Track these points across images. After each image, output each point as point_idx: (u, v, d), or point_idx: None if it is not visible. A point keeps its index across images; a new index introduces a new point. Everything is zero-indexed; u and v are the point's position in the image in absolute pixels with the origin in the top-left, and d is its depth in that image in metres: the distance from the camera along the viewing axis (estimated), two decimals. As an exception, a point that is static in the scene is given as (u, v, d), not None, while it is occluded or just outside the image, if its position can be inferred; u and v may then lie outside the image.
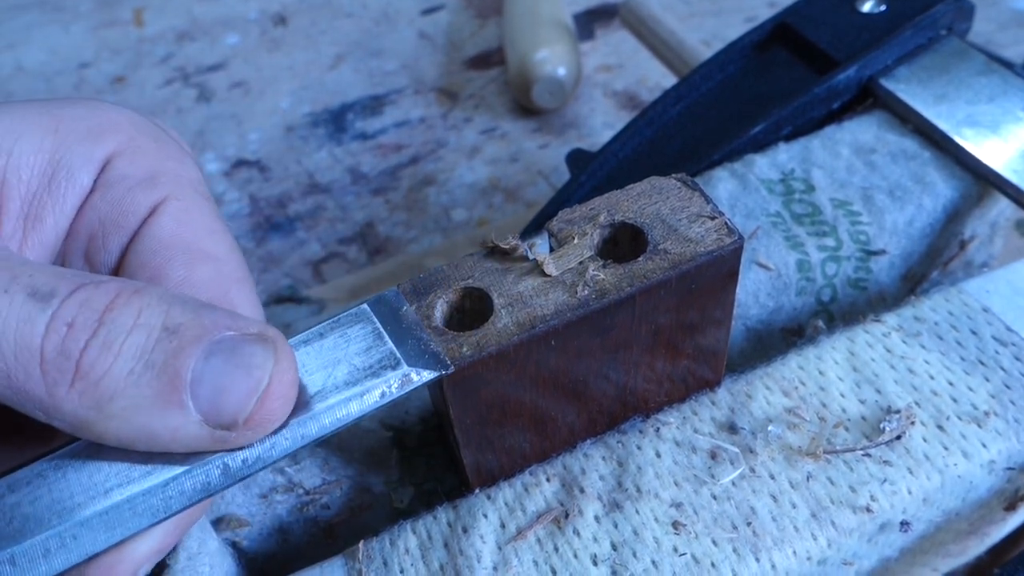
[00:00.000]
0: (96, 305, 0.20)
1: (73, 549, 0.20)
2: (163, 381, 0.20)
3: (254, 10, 0.83)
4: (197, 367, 0.20)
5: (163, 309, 0.20)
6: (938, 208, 0.37)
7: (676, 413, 0.29)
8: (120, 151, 0.25)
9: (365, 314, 0.24)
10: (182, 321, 0.20)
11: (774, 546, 0.26)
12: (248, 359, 0.20)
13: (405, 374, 0.23)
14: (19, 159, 0.23)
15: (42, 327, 0.19)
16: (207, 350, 0.20)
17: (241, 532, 0.29)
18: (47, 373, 0.19)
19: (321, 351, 0.23)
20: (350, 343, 0.23)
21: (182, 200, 0.25)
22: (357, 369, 0.23)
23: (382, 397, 0.22)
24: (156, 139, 0.26)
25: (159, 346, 0.20)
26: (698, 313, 0.27)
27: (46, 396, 0.20)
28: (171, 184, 0.25)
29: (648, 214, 0.26)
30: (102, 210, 0.25)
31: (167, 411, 0.20)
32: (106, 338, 0.20)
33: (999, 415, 0.29)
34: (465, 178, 0.65)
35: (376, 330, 0.23)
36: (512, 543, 0.26)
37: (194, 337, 0.20)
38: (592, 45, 0.76)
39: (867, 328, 0.31)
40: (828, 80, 0.39)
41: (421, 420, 0.31)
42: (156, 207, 0.25)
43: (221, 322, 0.21)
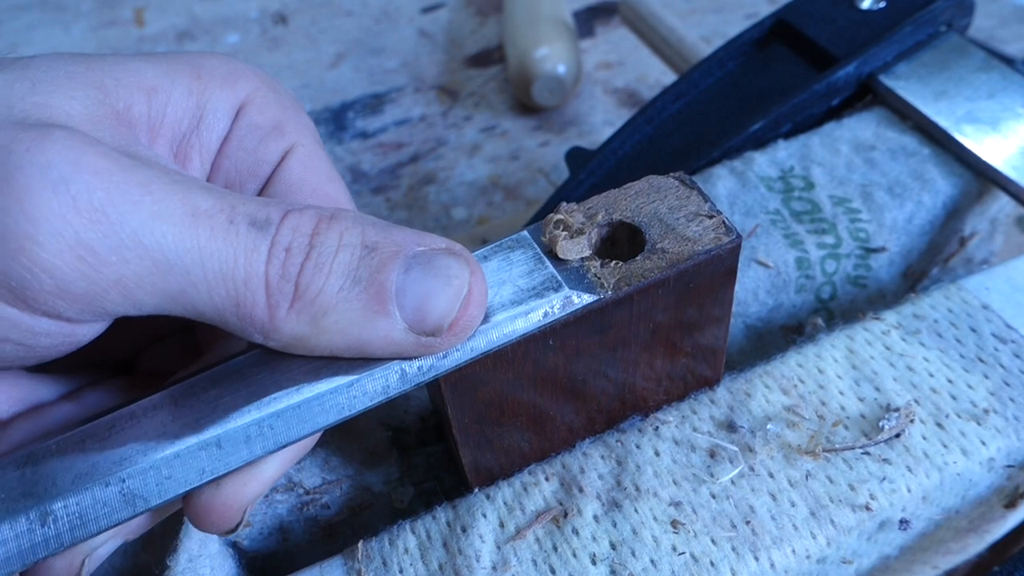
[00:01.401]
0: (304, 229, 0.21)
1: (270, 437, 0.22)
2: (371, 294, 0.21)
3: (255, 9, 0.83)
4: (399, 279, 0.21)
5: (359, 230, 0.22)
6: (938, 205, 0.37)
7: (675, 412, 0.29)
8: (250, 99, 0.26)
9: (526, 240, 0.25)
10: (378, 239, 0.22)
11: (773, 545, 0.26)
12: (446, 270, 0.22)
13: (567, 296, 0.24)
14: (175, 104, 0.24)
15: (265, 253, 0.21)
16: (406, 264, 0.21)
17: (242, 532, 0.29)
18: (271, 296, 0.21)
19: (487, 272, 0.24)
20: (513, 266, 0.24)
21: (305, 148, 0.27)
22: (522, 290, 0.24)
23: (544, 316, 0.23)
24: (276, 90, 0.27)
25: (363, 263, 0.21)
26: (697, 311, 0.27)
27: (268, 319, 0.21)
28: (295, 133, 0.26)
29: (646, 213, 0.26)
30: (238, 158, 0.26)
31: (376, 321, 0.21)
32: (318, 259, 0.21)
33: (998, 412, 0.29)
34: (465, 176, 0.65)
35: (537, 255, 0.25)
36: (511, 542, 0.26)
37: (392, 253, 0.21)
38: (592, 43, 0.76)
39: (866, 326, 0.31)
40: (827, 77, 0.39)
41: (420, 419, 0.31)
42: (285, 154, 0.26)
43: (411, 239, 0.22)
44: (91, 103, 0.22)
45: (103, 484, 0.21)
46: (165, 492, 0.21)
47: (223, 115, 0.26)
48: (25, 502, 0.20)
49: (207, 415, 0.22)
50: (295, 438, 0.22)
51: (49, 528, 0.20)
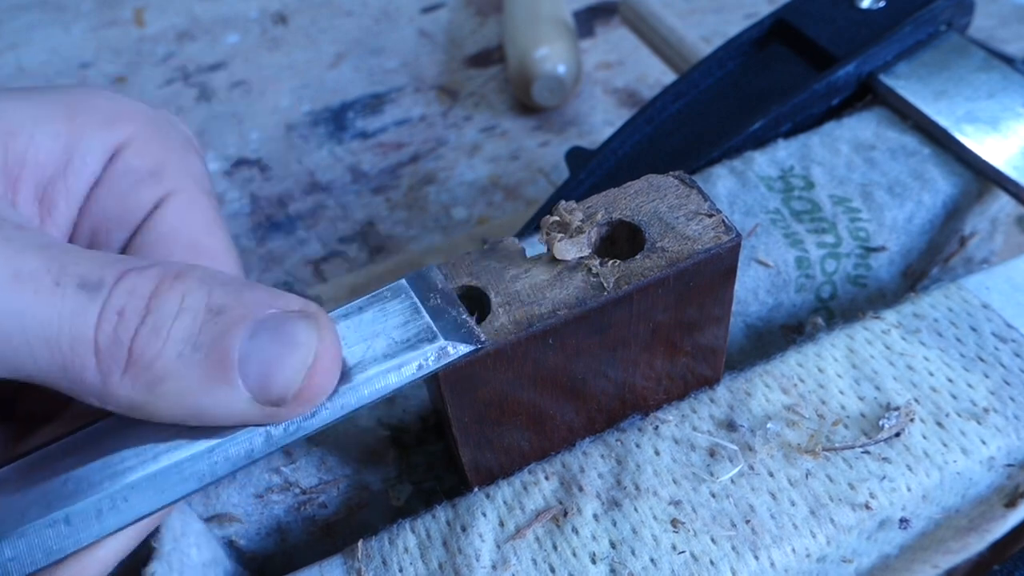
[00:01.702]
0: (143, 292, 0.20)
1: (124, 511, 0.21)
2: (212, 361, 0.20)
3: (254, 9, 0.83)
4: (244, 346, 0.20)
5: (205, 291, 0.21)
6: (938, 204, 0.37)
7: (675, 411, 0.29)
8: (129, 141, 0.25)
9: (403, 289, 0.24)
10: (225, 302, 0.21)
11: (773, 544, 0.26)
12: (293, 336, 0.21)
13: (442, 347, 0.23)
14: (39, 146, 0.24)
15: (94, 318, 0.20)
16: (252, 329, 0.20)
17: (232, 528, 0.29)
18: (101, 362, 0.20)
19: (360, 325, 0.23)
20: (388, 317, 0.24)
21: (184, 195, 0.25)
22: (395, 342, 0.23)
23: (419, 369, 0.23)
24: (164, 132, 0.26)
25: (205, 328, 0.20)
26: (697, 311, 0.27)
27: (100, 384, 0.20)
28: (175, 179, 0.25)
29: (646, 212, 0.26)
30: (107, 204, 0.25)
31: (217, 390, 0.20)
32: (155, 324, 0.20)
33: (998, 411, 0.29)
34: (465, 176, 0.65)
35: (414, 304, 0.24)
36: (511, 541, 0.26)
37: (239, 316, 0.20)
38: (592, 42, 0.76)
39: (866, 325, 0.31)
40: (827, 77, 0.39)
41: (420, 418, 0.31)
42: (159, 202, 0.25)
43: (263, 300, 0.21)
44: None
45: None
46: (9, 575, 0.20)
47: (94, 158, 0.25)
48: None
49: (56, 490, 0.21)
50: (151, 510, 0.21)
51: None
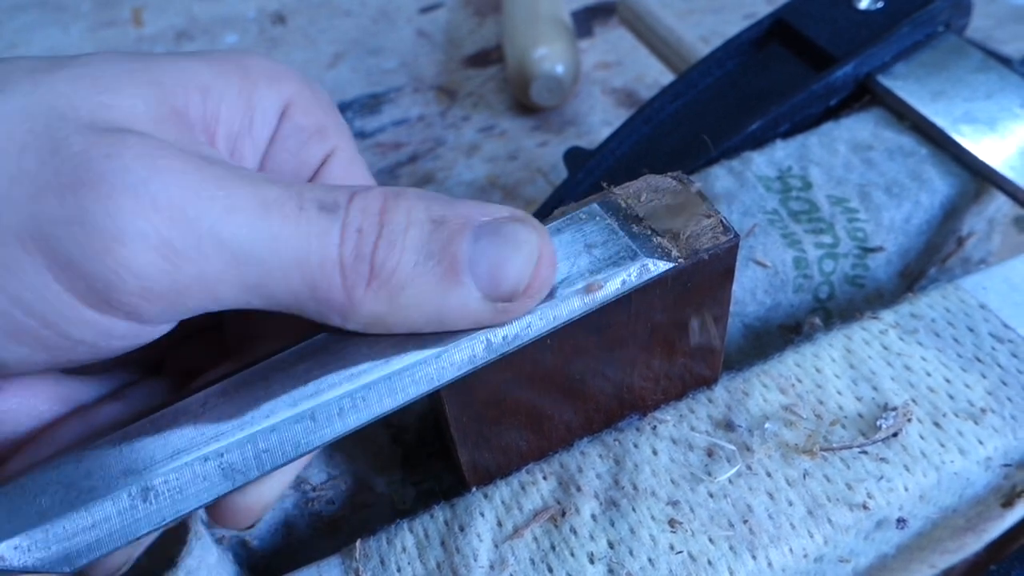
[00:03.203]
0: (373, 209, 0.21)
1: (363, 409, 0.22)
2: (445, 266, 0.21)
3: (253, 9, 0.83)
4: (470, 249, 0.22)
5: (424, 205, 0.22)
6: (935, 205, 0.37)
7: (673, 411, 0.29)
8: (294, 101, 0.26)
9: (597, 212, 0.25)
10: (444, 213, 0.22)
11: (771, 544, 0.26)
12: (514, 236, 0.22)
13: (643, 264, 0.24)
14: (229, 100, 0.25)
15: (338, 236, 0.21)
16: (475, 234, 0.22)
17: (252, 530, 0.29)
18: (347, 278, 0.21)
19: (561, 244, 0.24)
20: (587, 236, 0.25)
21: (346, 151, 0.27)
22: (598, 260, 0.24)
23: (623, 285, 0.24)
24: (317, 93, 0.27)
25: (433, 236, 0.22)
26: (695, 311, 0.27)
27: (346, 300, 0.21)
28: (336, 137, 0.27)
29: (644, 212, 0.26)
30: (282, 159, 0.26)
31: (452, 292, 0.22)
32: (390, 237, 0.21)
33: (996, 412, 0.29)
34: (464, 176, 0.65)
35: (610, 226, 0.25)
36: (509, 541, 0.26)
37: (460, 224, 0.22)
38: (591, 42, 0.76)
39: (864, 325, 0.31)
40: (826, 77, 0.39)
41: (419, 418, 0.31)
42: (326, 157, 0.27)
43: (476, 210, 0.22)
44: (153, 102, 0.22)
45: (202, 459, 0.21)
46: (263, 465, 0.21)
47: (271, 115, 0.26)
48: (125, 479, 0.20)
49: (299, 388, 0.22)
50: (386, 410, 0.22)
51: (151, 504, 0.20)
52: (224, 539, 0.29)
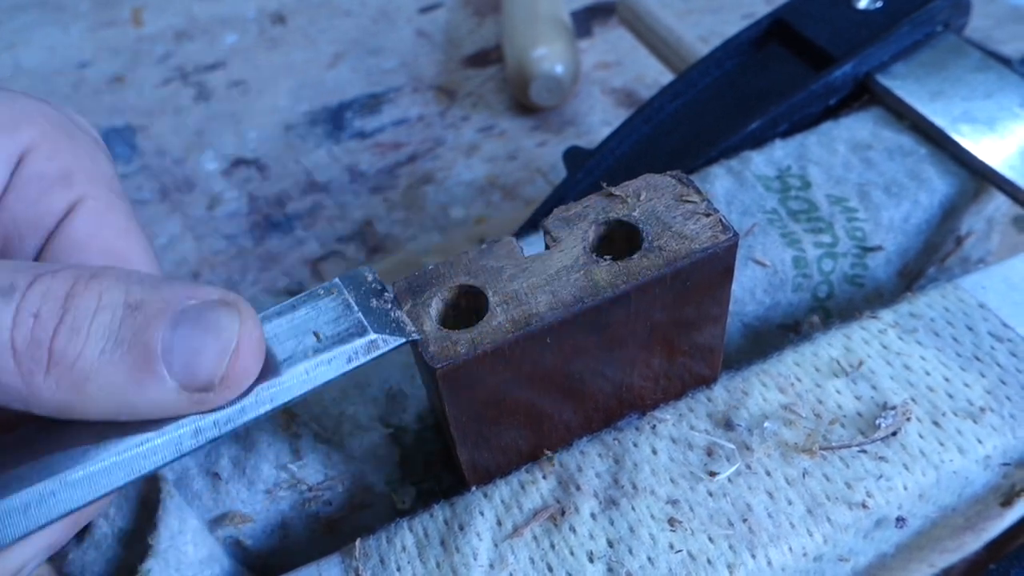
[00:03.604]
0: (57, 293, 0.20)
1: (53, 506, 0.21)
2: (135, 355, 0.20)
3: (252, 9, 0.83)
4: (166, 337, 0.21)
5: (123, 288, 0.21)
6: (934, 204, 0.37)
7: (672, 410, 0.29)
8: (35, 145, 0.25)
9: (337, 286, 0.25)
10: (143, 297, 0.21)
11: (770, 542, 0.26)
12: (215, 323, 0.21)
13: (371, 340, 0.24)
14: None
15: (9, 320, 0.20)
16: (174, 320, 0.21)
17: (244, 529, 0.29)
18: (22, 364, 0.20)
19: (293, 321, 0.24)
20: (321, 313, 0.24)
21: (97, 200, 0.25)
22: (326, 337, 0.24)
23: (348, 362, 0.23)
24: (70, 134, 0.26)
25: (125, 323, 0.20)
26: (694, 310, 0.27)
27: (24, 387, 0.20)
28: (85, 183, 0.25)
29: (643, 211, 0.26)
30: (18, 210, 0.25)
31: (144, 383, 0.20)
32: (73, 323, 0.20)
33: (995, 411, 0.29)
34: (463, 176, 0.65)
35: (346, 301, 0.24)
36: (508, 540, 0.26)
37: (158, 310, 0.21)
38: (590, 42, 0.76)
39: (863, 324, 0.31)
40: (825, 77, 0.39)
41: (419, 418, 0.31)
42: (72, 207, 0.25)
43: (181, 293, 0.21)
44: None
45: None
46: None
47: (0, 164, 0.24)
48: None
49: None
50: (80, 504, 0.21)
51: None
52: (219, 540, 0.29)
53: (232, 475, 0.29)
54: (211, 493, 0.29)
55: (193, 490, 0.29)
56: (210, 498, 0.29)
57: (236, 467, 0.29)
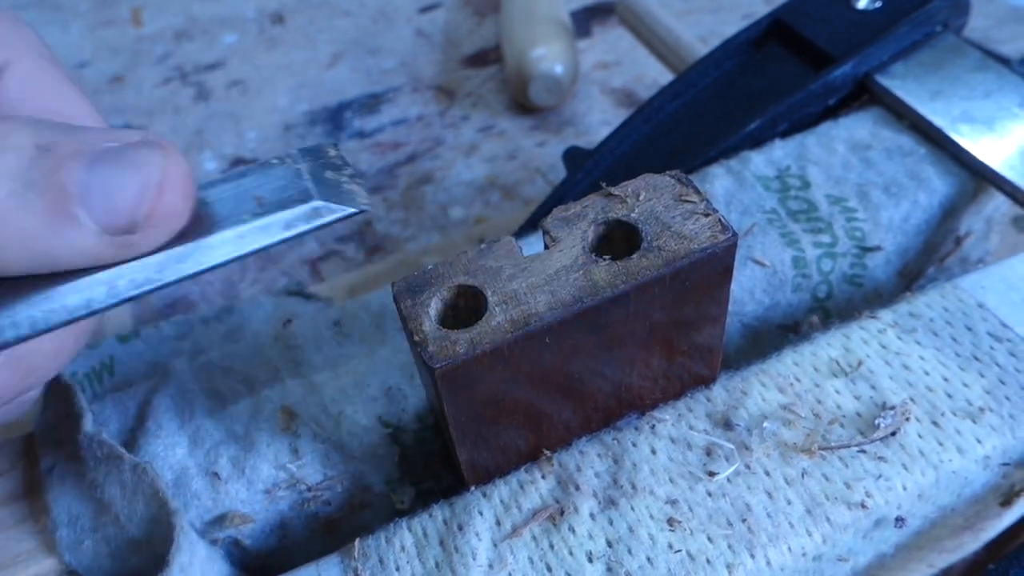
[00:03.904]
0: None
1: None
2: (48, 197, 0.19)
3: (252, 9, 0.83)
4: (82, 178, 0.19)
5: (31, 130, 0.20)
6: (934, 204, 0.37)
7: (671, 410, 0.29)
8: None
9: (291, 157, 0.24)
10: (55, 139, 0.20)
11: (769, 542, 0.26)
12: (136, 159, 0.20)
13: (315, 207, 0.22)
14: None
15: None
16: (91, 160, 0.20)
17: (244, 529, 0.29)
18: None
19: (239, 187, 0.23)
20: (269, 181, 0.23)
21: (23, 63, 0.24)
22: (268, 202, 0.22)
23: (287, 228, 0.22)
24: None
25: (36, 164, 0.19)
26: (693, 310, 0.27)
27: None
28: (8, 50, 0.24)
29: (643, 211, 0.26)
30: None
31: (61, 227, 0.19)
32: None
33: (994, 411, 0.29)
34: (463, 176, 0.65)
35: (297, 171, 0.23)
36: (508, 540, 0.26)
37: (73, 151, 0.20)
38: (589, 42, 0.76)
39: (863, 324, 0.31)
40: (824, 76, 0.39)
41: (418, 418, 0.31)
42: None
43: (100, 135, 0.20)
44: None
45: None
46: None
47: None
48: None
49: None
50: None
51: None
52: (218, 540, 0.29)
53: (231, 475, 0.29)
54: (210, 493, 0.29)
55: (192, 490, 0.29)
56: (209, 498, 0.29)
57: (235, 467, 0.29)
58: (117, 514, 0.27)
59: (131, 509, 0.27)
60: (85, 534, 0.27)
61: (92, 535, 0.27)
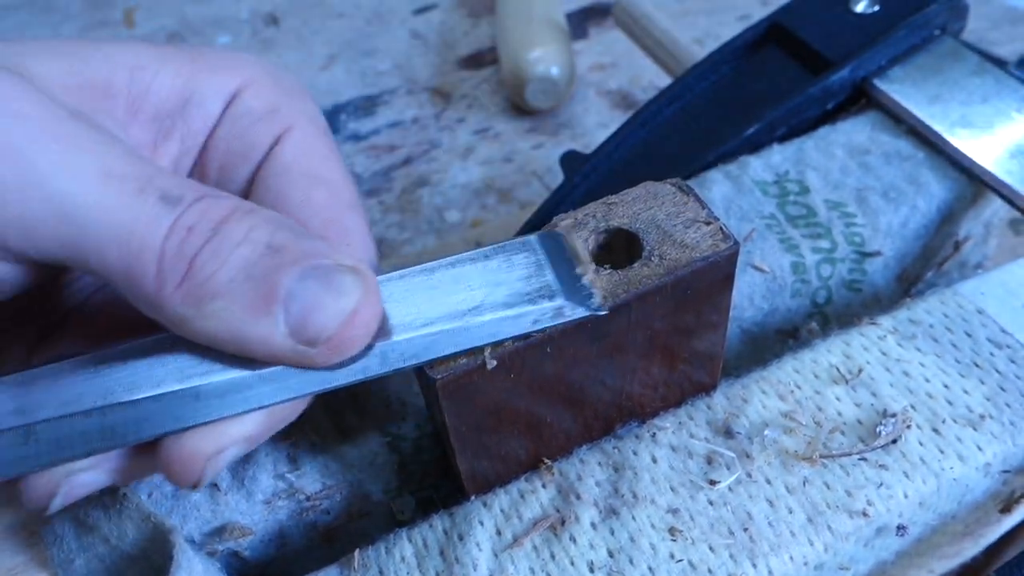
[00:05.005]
0: (214, 216, 0.22)
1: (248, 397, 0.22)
2: (259, 292, 0.21)
3: (245, 10, 0.83)
4: (292, 285, 0.22)
5: (270, 229, 0.22)
6: (932, 209, 0.37)
7: (672, 418, 0.29)
8: (246, 85, 0.27)
9: (531, 245, 0.25)
10: (285, 243, 0.22)
11: (771, 552, 0.26)
12: (339, 285, 0.22)
13: (559, 307, 0.24)
14: (161, 81, 0.26)
15: (166, 228, 0.21)
16: (304, 272, 0.22)
17: (243, 541, 0.29)
18: (161, 271, 0.21)
19: (485, 271, 0.24)
20: (514, 268, 0.24)
21: (301, 131, 0.27)
22: (517, 293, 0.24)
23: (534, 324, 0.23)
24: (277, 78, 0.28)
25: (262, 260, 0.22)
26: (694, 318, 0.27)
27: (155, 291, 0.21)
28: (291, 116, 0.27)
29: (643, 219, 0.26)
30: (230, 141, 0.27)
31: (258, 319, 0.21)
32: (218, 247, 0.21)
33: (994, 418, 0.29)
34: (459, 179, 0.65)
35: (539, 261, 0.25)
36: (508, 550, 0.26)
37: (294, 258, 0.22)
38: (585, 44, 0.76)
39: (862, 331, 0.31)
40: (822, 80, 0.39)
41: (417, 427, 0.31)
42: (279, 138, 0.27)
43: (320, 250, 0.22)
44: (68, 71, 0.23)
45: (85, 414, 0.22)
46: (140, 432, 0.22)
47: (213, 99, 0.26)
48: (13, 418, 0.21)
49: (194, 366, 0.22)
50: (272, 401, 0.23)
51: (31, 446, 0.21)
52: (217, 552, 0.29)
53: (231, 486, 0.29)
54: (210, 504, 0.28)
55: (192, 501, 0.28)
56: (208, 509, 0.28)
57: (235, 478, 0.29)
58: (106, 536, 0.27)
59: (120, 531, 0.27)
60: (73, 553, 0.27)
61: (81, 554, 0.27)
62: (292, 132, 0.27)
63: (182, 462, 0.23)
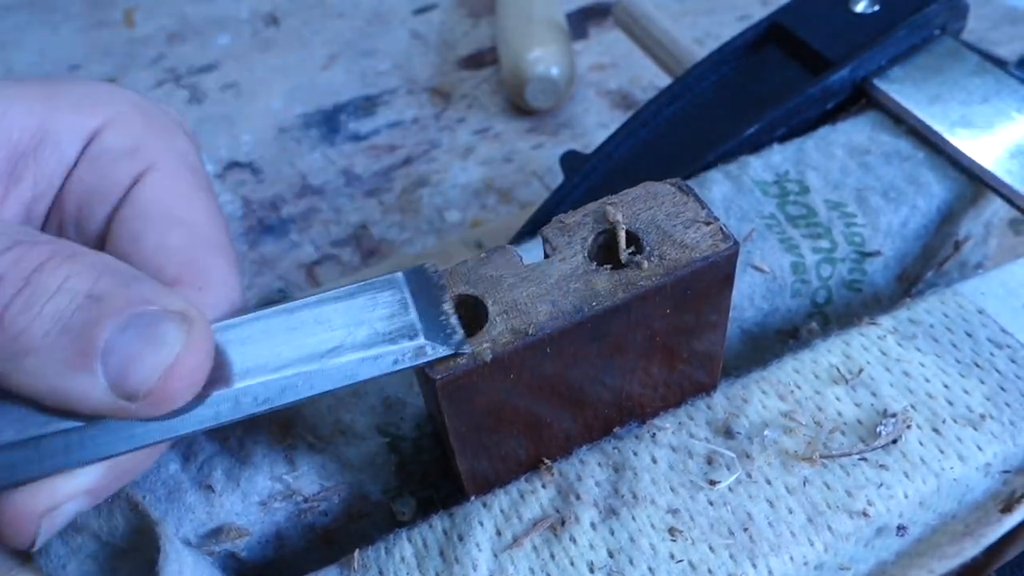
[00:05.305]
0: (27, 264, 0.21)
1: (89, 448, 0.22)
2: (76, 346, 0.20)
3: (245, 10, 0.83)
4: (112, 337, 0.21)
5: (93, 276, 0.21)
6: (932, 209, 0.37)
7: (672, 418, 0.29)
8: (108, 123, 0.26)
9: (397, 282, 0.24)
10: (108, 291, 0.21)
11: (771, 552, 0.26)
12: (161, 335, 0.21)
13: (420, 346, 0.23)
14: (11, 121, 0.25)
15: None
16: (125, 322, 0.21)
17: (240, 542, 0.29)
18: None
19: (348, 310, 0.24)
20: (377, 307, 0.24)
21: (163, 170, 0.26)
22: (377, 333, 0.23)
23: (394, 364, 0.23)
24: (147, 115, 0.27)
25: (79, 312, 0.21)
26: (693, 318, 0.27)
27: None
28: (153, 154, 0.26)
29: (643, 220, 0.26)
30: (87, 181, 0.26)
31: (76, 374, 0.21)
32: (29, 298, 0.20)
33: (994, 418, 0.29)
34: (459, 179, 0.65)
35: (403, 299, 0.24)
36: (508, 551, 0.26)
37: (115, 308, 0.21)
38: (586, 44, 0.76)
39: (863, 331, 0.31)
40: (822, 80, 0.39)
41: (416, 427, 0.31)
42: (139, 177, 0.26)
43: (147, 295, 0.21)
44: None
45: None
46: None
47: (69, 139, 0.25)
48: None
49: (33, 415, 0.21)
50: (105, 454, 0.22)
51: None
52: (214, 553, 0.29)
53: (226, 488, 0.29)
54: (205, 506, 0.28)
55: (186, 503, 0.28)
56: (204, 511, 0.28)
57: (230, 479, 0.29)
58: (96, 533, 0.26)
59: (111, 525, 0.26)
60: (63, 559, 0.27)
61: (72, 558, 0.26)
62: (153, 171, 0.26)
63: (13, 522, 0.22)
